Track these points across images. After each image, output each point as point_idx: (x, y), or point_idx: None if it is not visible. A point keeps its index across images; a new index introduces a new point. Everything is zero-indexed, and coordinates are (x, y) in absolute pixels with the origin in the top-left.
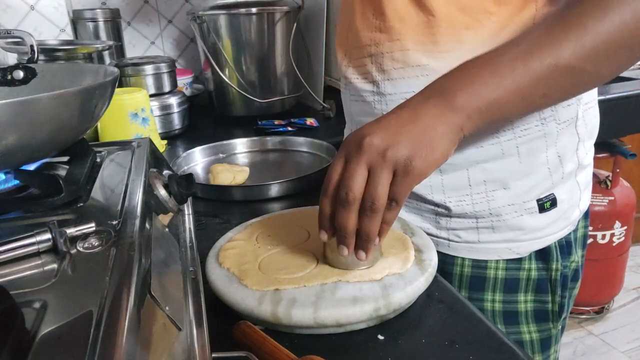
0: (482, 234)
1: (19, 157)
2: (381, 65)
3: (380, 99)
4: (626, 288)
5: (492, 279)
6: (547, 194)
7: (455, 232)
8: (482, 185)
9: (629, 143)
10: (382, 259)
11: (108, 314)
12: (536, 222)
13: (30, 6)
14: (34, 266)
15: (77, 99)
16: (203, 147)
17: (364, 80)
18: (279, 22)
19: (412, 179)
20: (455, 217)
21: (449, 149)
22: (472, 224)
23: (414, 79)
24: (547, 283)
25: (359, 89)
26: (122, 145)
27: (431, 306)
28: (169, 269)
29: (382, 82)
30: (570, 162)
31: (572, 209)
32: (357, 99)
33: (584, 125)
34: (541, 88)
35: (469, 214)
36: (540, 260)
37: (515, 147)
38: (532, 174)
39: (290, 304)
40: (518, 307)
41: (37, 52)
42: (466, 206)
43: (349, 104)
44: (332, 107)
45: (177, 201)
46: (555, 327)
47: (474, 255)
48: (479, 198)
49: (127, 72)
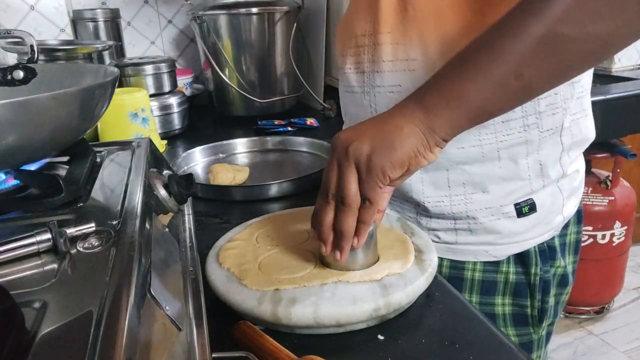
0: (459, 235)
1: (19, 157)
2: (372, 57)
3: (369, 90)
4: (626, 288)
5: (469, 280)
6: (526, 199)
7: (435, 232)
8: (461, 187)
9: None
10: (382, 259)
11: (108, 314)
12: (514, 226)
13: (30, 6)
14: (34, 266)
15: (77, 99)
16: (203, 147)
17: (356, 71)
18: (279, 22)
19: (374, 176)
20: (435, 218)
21: (415, 149)
22: (450, 225)
23: (402, 72)
24: (526, 287)
25: (350, 80)
26: (122, 145)
27: (431, 306)
28: (169, 269)
29: (371, 73)
30: (552, 171)
31: (553, 215)
32: (349, 89)
33: (569, 136)
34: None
35: (447, 214)
36: (518, 264)
37: (497, 150)
38: (511, 179)
39: (290, 304)
40: (495, 309)
41: (37, 52)
42: (444, 207)
43: (343, 96)
44: (332, 107)
45: (177, 201)
46: (537, 332)
47: (451, 256)
48: (457, 200)
49: (127, 72)
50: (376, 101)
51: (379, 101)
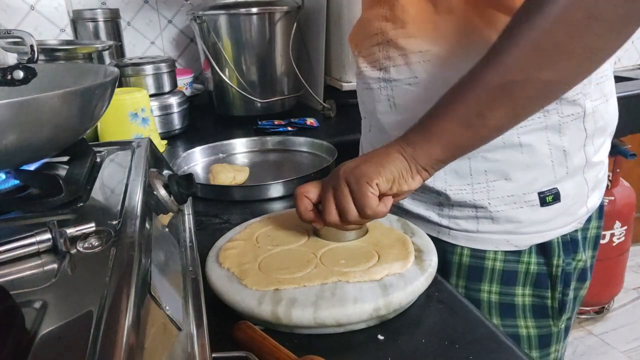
0: (481, 223)
1: (19, 157)
2: (387, 53)
3: (386, 85)
4: (626, 288)
5: (489, 270)
6: (550, 188)
7: (455, 221)
8: (483, 175)
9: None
10: (382, 258)
11: (108, 314)
12: (537, 216)
13: (30, 6)
14: (34, 266)
15: (77, 99)
16: (203, 147)
17: (373, 68)
18: (279, 22)
19: (363, 183)
20: (457, 206)
21: (399, 171)
22: (471, 213)
23: (417, 64)
24: (547, 278)
25: (368, 77)
26: (122, 145)
27: (431, 306)
28: (169, 269)
29: (388, 68)
30: (576, 158)
31: (577, 205)
32: (367, 87)
33: (592, 121)
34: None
35: (468, 202)
36: (540, 254)
37: (517, 136)
38: (534, 166)
39: (290, 304)
40: (515, 300)
41: (37, 52)
42: (466, 195)
43: (361, 94)
44: (332, 107)
45: (177, 201)
46: (556, 324)
47: (472, 245)
48: (479, 187)
49: (127, 72)
50: (394, 94)
51: (397, 94)
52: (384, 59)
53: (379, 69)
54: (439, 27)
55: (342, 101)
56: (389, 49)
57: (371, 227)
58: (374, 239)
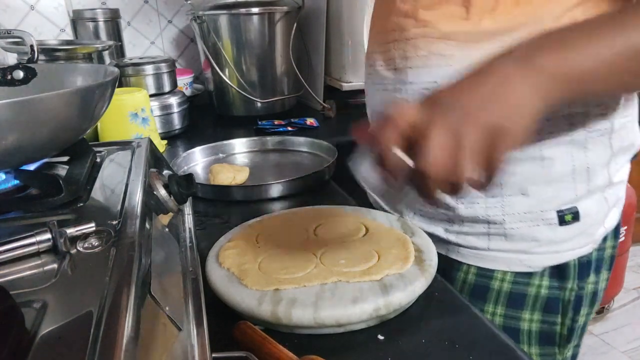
0: (492, 241)
1: (19, 157)
2: (404, 52)
3: (401, 87)
4: (626, 288)
5: (495, 291)
6: (570, 206)
7: (465, 237)
8: (498, 189)
9: None
10: (382, 258)
11: (108, 314)
12: (554, 235)
13: (30, 6)
14: (34, 266)
15: (77, 99)
16: (203, 147)
17: (387, 67)
18: (279, 22)
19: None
20: (467, 222)
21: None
22: (483, 229)
23: (437, 68)
24: (559, 303)
25: (381, 77)
26: (122, 145)
27: (431, 306)
28: (169, 269)
29: (404, 69)
30: (599, 176)
31: (596, 225)
32: (379, 87)
33: (619, 139)
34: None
35: (481, 218)
36: (554, 277)
37: (539, 149)
38: (554, 181)
39: (290, 304)
40: (520, 324)
41: (37, 52)
42: (479, 209)
43: (371, 94)
44: (332, 107)
45: (177, 201)
46: (562, 352)
47: (481, 264)
48: (493, 202)
49: (127, 72)
50: (408, 98)
51: (413, 99)
52: (400, 58)
53: (394, 69)
54: (469, 31)
55: (342, 101)
56: (406, 48)
57: (371, 227)
58: (374, 239)
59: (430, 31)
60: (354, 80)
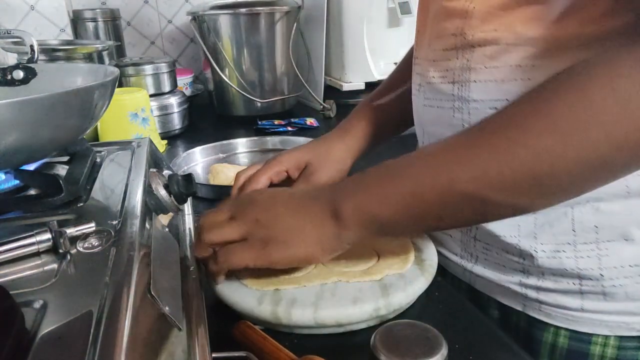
0: (587, 300)
1: (19, 157)
2: (468, 62)
3: (461, 105)
4: None
5: (597, 357)
6: None
7: (548, 294)
8: (593, 232)
9: None
10: (382, 258)
11: (108, 314)
12: None
13: (30, 6)
14: (34, 266)
15: (77, 99)
16: (203, 147)
17: (443, 80)
18: (279, 22)
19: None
20: (550, 275)
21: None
22: (573, 285)
23: (511, 83)
24: None
25: (436, 91)
26: (122, 145)
27: (431, 306)
28: (169, 269)
29: (466, 83)
30: None
31: None
32: (432, 104)
33: None
34: (435, 210)
35: (569, 271)
36: None
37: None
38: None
39: (290, 304)
40: None
41: (37, 52)
42: (566, 260)
43: (421, 110)
44: (332, 107)
45: (177, 201)
46: None
47: (574, 327)
48: (586, 250)
49: (127, 72)
50: (470, 120)
51: (474, 119)
52: (462, 69)
53: (452, 82)
54: (553, 35)
55: (342, 101)
56: (470, 56)
57: None
58: (373, 239)
59: (502, 35)
60: (354, 80)
